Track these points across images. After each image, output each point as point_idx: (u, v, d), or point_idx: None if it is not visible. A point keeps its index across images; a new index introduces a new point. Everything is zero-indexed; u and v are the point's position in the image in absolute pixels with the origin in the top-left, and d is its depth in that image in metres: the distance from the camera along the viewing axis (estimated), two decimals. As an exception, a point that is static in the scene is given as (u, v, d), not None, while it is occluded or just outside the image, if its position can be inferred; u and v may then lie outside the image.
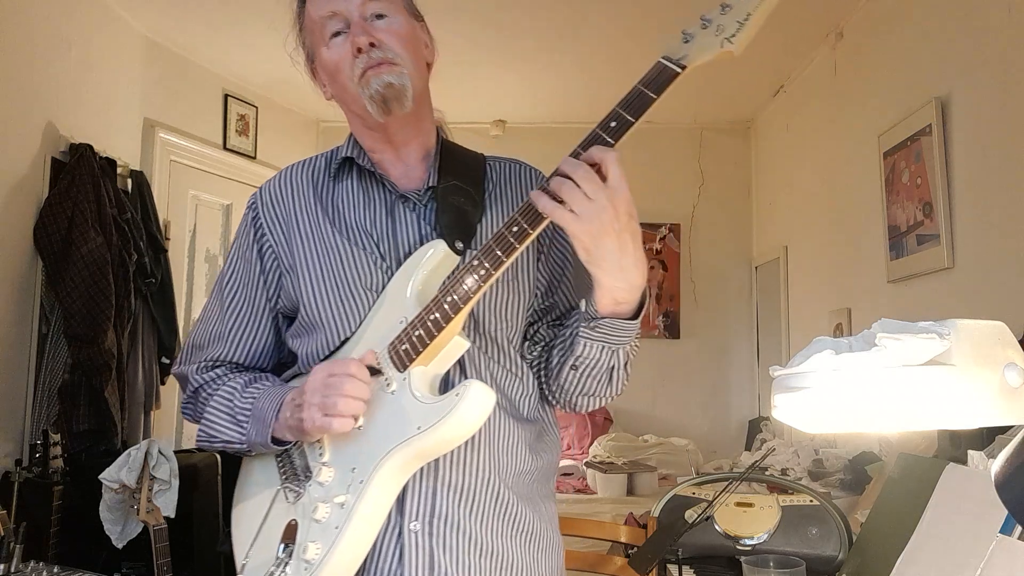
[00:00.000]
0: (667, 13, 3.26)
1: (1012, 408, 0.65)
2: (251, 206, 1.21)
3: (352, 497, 0.99)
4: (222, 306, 1.21)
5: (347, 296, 1.11)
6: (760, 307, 4.56)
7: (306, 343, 1.15)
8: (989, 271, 2.22)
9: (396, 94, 1.08)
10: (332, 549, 0.98)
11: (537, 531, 1.17)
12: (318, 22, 1.12)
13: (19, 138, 2.73)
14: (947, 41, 2.45)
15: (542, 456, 1.19)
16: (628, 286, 0.99)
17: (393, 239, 1.13)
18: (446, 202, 1.12)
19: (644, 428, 4.34)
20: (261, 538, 1.08)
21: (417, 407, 0.98)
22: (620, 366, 1.10)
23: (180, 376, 1.24)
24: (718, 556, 1.55)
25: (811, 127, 3.76)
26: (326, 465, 1.04)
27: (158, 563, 2.04)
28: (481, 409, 0.97)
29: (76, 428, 2.75)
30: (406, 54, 1.11)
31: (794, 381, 0.71)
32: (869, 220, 2.93)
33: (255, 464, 1.17)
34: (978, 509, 0.94)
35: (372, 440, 1.00)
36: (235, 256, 1.22)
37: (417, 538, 1.06)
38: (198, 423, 1.18)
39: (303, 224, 1.16)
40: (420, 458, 1.01)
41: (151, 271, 3.21)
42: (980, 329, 0.67)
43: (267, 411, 1.08)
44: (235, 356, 1.20)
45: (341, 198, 1.17)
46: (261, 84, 4.17)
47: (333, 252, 1.13)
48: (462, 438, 0.99)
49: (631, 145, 0.93)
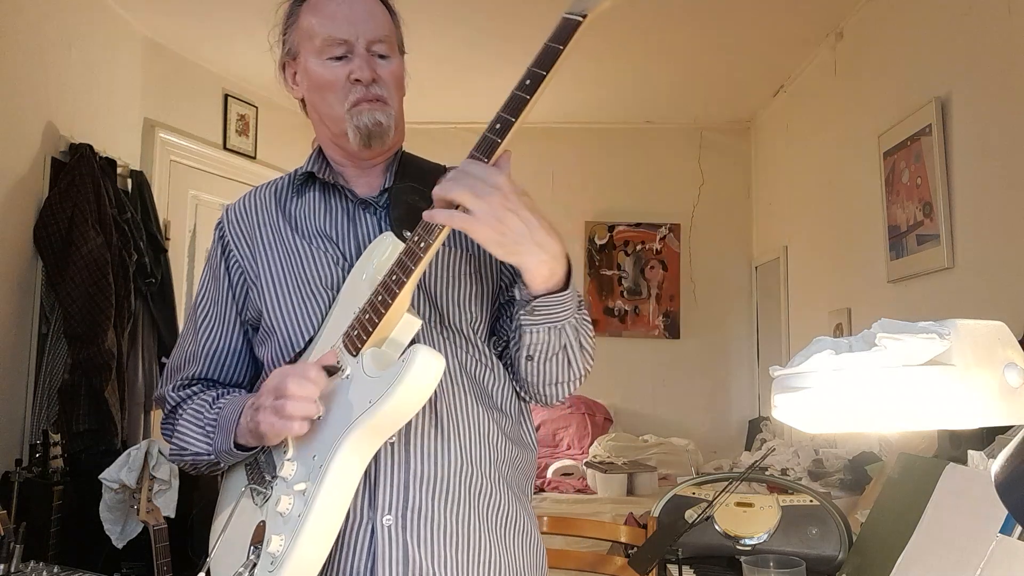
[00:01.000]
0: (667, 13, 3.26)
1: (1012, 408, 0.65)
2: (218, 226, 1.25)
3: (312, 483, 0.98)
4: (195, 326, 1.23)
5: (308, 296, 1.13)
6: (760, 307, 4.56)
7: (270, 348, 1.16)
8: (989, 271, 2.22)
9: (381, 133, 1.14)
10: (295, 539, 0.96)
11: (516, 520, 1.15)
12: (319, 36, 1.14)
13: (19, 138, 2.73)
14: (947, 41, 2.45)
15: (519, 447, 1.18)
16: (551, 256, 1.00)
17: (355, 239, 1.16)
18: (399, 200, 1.16)
19: (644, 428, 4.34)
20: (227, 541, 1.07)
21: (368, 383, 0.98)
22: (572, 344, 1.10)
23: (159, 398, 1.25)
24: (718, 556, 1.55)
25: (811, 127, 3.77)
26: (289, 460, 1.03)
27: (158, 563, 2.04)
28: (430, 372, 0.95)
29: (76, 428, 2.74)
30: (396, 96, 1.17)
31: (794, 381, 0.71)
32: (869, 220, 2.93)
33: (228, 475, 1.17)
34: (978, 509, 0.94)
35: (330, 425, 1.00)
36: (206, 276, 1.25)
37: (390, 532, 1.05)
38: (171, 440, 1.19)
39: (266, 236, 1.19)
40: (378, 433, 0.99)
41: (151, 271, 3.21)
42: (980, 329, 0.67)
43: (230, 419, 1.09)
44: (210, 373, 1.22)
45: (303, 209, 1.20)
46: (261, 84, 4.17)
47: (294, 255, 1.16)
48: (418, 403, 0.97)
49: (631, 145, 0.94)
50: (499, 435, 1.14)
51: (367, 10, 1.15)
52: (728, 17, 3.30)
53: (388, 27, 1.17)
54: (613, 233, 4.73)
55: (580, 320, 1.09)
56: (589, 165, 4.73)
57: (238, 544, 1.05)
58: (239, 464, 1.14)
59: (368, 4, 1.16)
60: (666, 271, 4.71)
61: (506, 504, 1.14)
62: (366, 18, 1.14)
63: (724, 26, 3.38)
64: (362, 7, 1.15)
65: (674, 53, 3.68)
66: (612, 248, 4.72)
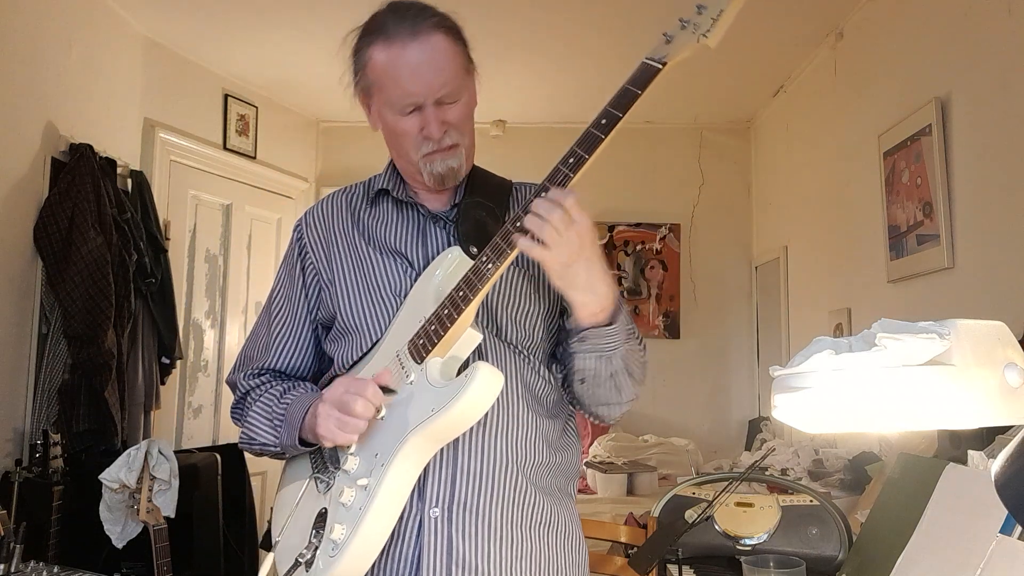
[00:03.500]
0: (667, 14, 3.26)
1: (1012, 408, 0.65)
2: (296, 228, 1.34)
3: (374, 479, 1.07)
4: (269, 319, 1.34)
5: (377, 302, 1.22)
6: (760, 307, 4.56)
7: (341, 347, 1.25)
8: (989, 271, 2.22)
9: (454, 175, 1.22)
10: (356, 529, 1.05)
11: (557, 521, 1.21)
12: (389, 92, 1.17)
13: (19, 138, 2.73)
14: (947, 41, 2.45)
15: (562, 452, 1.24)
16: (598, 299, 1.10)
17: (423, 251, 1.23)
18: (467, 215, 1.23)
19: (644, 428, 4.34)
20: (292, 524, 1.18)
21: (431, 392, 1.07)
22: (621, 371, 1.18)
23: (231, 383, 1.36)
24: (718, 556, 1.55)
25: (811, 127, 3.76)
26: (352, 455, 1.13)
27: (158, 563, 2.04)
28: (490, 388, 1.04)
29: (76, 428, 2.74)
30: (467, 130, 1.22)
31: (794, 381, 0.71)
32: (869, 220, 2.93)
33: (293, 461, 1.27)
34: (978, 509, 0.94)
35: (393, 427, 1.09)
36: (282, 273, 1.35)
37: (436, 524, 1.12)
38: (242, 427, 1.29)
39: (341, 243, 1.28)
40: (437, 439, 1.08)
41: (151, 271, 3.21)
42: (980, 329, 0.67)
43: (296, 417, 1.18)
44: (278, 364, 1.32)
45: (376, 220, 1.28)
46: (261, 84, 4.16)
47: (366, 264, 1.25)
48: (474, 417, 1.06)
49: (631, 145, 0.95)
50: (541, 440, 1.20)
51: (434, 62, 1.15)
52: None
53: (454, 71, 1.17)
54: (613, 233, 4.72)
55: (629, 351, 1.17)
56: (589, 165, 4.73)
57: (299, 527, 1.15)
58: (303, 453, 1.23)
59: (435, 53, 1.15)
60: (666, 271, 4.71)
61: (546, 503, 1.20)
62: (434, 72, 1.15)
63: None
64: (429, 58, 1.15)
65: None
66: (612, 248, 4.72)
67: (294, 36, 3.53)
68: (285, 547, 1.16)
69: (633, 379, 1.20)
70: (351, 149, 4.62)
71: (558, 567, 1.19)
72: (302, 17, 3.35)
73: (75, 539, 2.35)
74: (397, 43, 1.15)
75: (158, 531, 2.06)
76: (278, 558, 1.16)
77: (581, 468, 1.33)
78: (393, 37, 1.15)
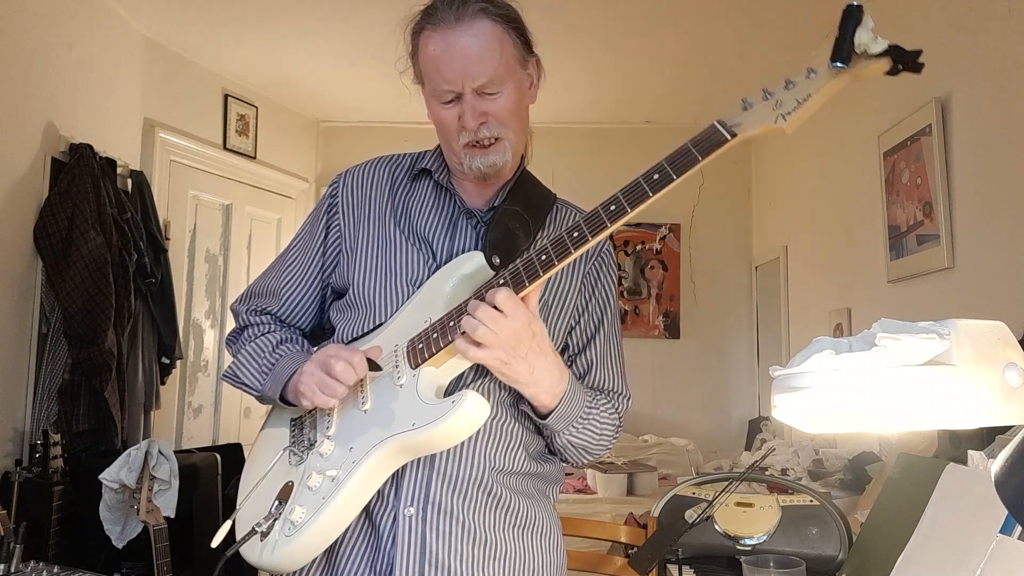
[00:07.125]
0: (667, 14, 3.26)
1: (1012, 408, 0.65)
2: (333, 184, 1.31)
3: (343, 473, 1.07)
4: (281, 265, 1.32)
5: (391, 286, 1.20)
6: (760, 307, 4.56)
7: (344, 320, 1.24)
8: (989, 271, 2.22)
9: (494, 172, 1.18)
10: (315, 516, 1.06)
11: (534, 522, 1.21)
12: (430, 81, 1.16)
13: (19, 138, 2.73)
14: (947, 41, 2.45)
15: (542, 464, 1.24)
16: (544, 391, 1.11)
17: (448, 246, 1.21)
18: (500, 221, 1.20)
19: (644, 428, 4.34)
20: (258, 491, 1.17)
21: (417, 405, 1.06)
22: (596, 431, 1.21)
23: (234, 311, 1.37)
24: (718, 556, 1.55)
25: (811, 127, 3.75)
26: (329, 439, 1.12)
27: (158, 563, 2.04)
28: (473, 419, 1.04)
29: (76, 428, 2.75)
30: (511, 125, 1.17)
31: (794, 381, 0.71)
32: (869, 220, 2.93)
33: (271, 426, 1.27)
34: (978, 509, 0.94)
35: (373, 425, 1.09)
36: (307, 225, 1.33)
37: (410, 523, 1.12)
38: (233, 357, 1.30)
39: (371, 216, 1.25)
40: (410, 452, 1.08)
41: (151, 271, 3.21)
42: (980, 329, 0.67)
43: (283, 373, 1.18)
44: (280, 312, 1.31)
45: (412, 200, 1.26)
46: (261, 84, 4.16)
47: (390, 245, 1.22)
48: (451, 442, 1.06)
49: (632, 145, 0.94)
50: (522, 451, 1.20)
51: (476, 51, 1.11)
52: (728, 17, 3.30)
53: (497, 61, 1.12)
54: (613, 233, 4.73)
55: (589, 418, 1.19)
56: (589, 165, 4.73)
57: (264, 495, 1.15)
58: (283, 420, 1.24)
59: (479, 41, 1.11)
60: (666, 271, 4.71)
61: (522, 504, 1.20)
62: (475, 61, 1.11)
63: (724, 26, 3.38)
64: (472, 47, 1.11)
65: (673, 53, 3.68)
66: (612, 248, 4.72)
67: (294, 36, 3.54)
68: (246, 515, 1.15)
69: (601, 438, 1.22)
70: (351, 149, 4.61)
71: (535, 568, 1.18)
72: (302, 17, 3.35)
73: (75, 539, 2.35)
74: (441, 29, 1.11)
75: (158, 531, 2.06)
76: (239, 521, 1.16)
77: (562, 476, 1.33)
78: (438, 23, 1.12)
